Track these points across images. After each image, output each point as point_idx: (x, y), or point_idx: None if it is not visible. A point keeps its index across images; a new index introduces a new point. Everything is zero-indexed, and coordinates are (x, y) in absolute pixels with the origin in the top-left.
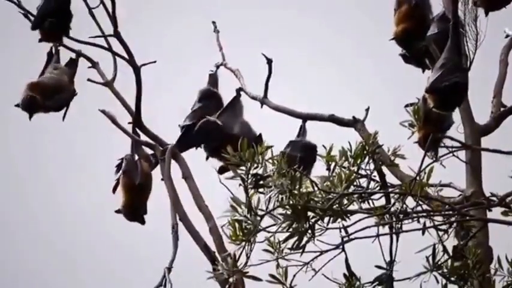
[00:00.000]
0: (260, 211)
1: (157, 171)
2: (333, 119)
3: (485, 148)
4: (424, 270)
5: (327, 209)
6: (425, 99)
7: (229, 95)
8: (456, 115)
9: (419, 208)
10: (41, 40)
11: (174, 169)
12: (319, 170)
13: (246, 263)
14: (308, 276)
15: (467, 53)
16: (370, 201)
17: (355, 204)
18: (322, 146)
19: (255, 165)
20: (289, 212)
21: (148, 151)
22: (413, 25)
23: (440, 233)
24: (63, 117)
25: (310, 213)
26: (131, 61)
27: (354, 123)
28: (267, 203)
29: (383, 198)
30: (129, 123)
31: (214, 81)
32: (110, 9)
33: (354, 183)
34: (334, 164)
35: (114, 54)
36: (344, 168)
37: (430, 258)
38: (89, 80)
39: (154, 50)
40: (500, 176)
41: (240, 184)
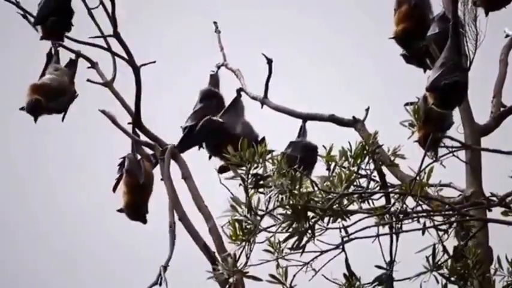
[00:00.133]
0: (260, 211)
1: (157, 171)
2: (333, 119)
3: (485, 148)
4: (424, 270)
5: (327, 209)
6: (425, 99)
7: (230, 95)
8: (456, 115)
9: (419, 208)
10: (42, 38)
11: (174, 169)
12: (319, 170)
13: (246, 263)
14: (308, 276)
15: (467, 52)
16: (370, 201)
17: (355, 204)
18: (322, 146)
19: (255, 165)
20: (289, 212)
21: (148, 151)
22: (413, 25)
23: (440, 233)
24: (63, 119)
25: (310, 213)
26: (131, 61)
27: (354, 123)
28: (267, 203)
29: (383, 198)
30: (129, 124)
31: (216, 81)
32: (109, 10)
33: (354, 183)
34: (334, 164)
35: (114, 54)
36: (344, 168)
37: (430, 258)
38: (88, 81)
39: (154, 50)
40: (500, 176)
41: (240, 184)
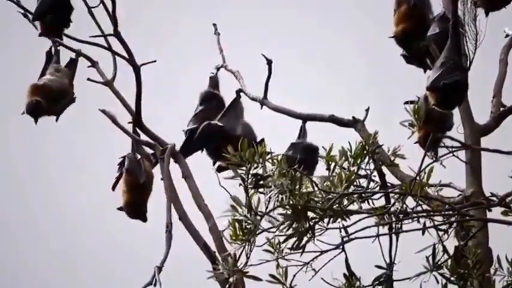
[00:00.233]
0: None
1: (157, 171)
2: (333, 119)
3: (485, 148)
4: (424, 270)
5: (327, 209)
6: (426, 99)
7: (230, 97)
8: (456, 115)
9: (419, 208)
10: (41, 34)
11: (175, 169)
12: (319, 170)
13: (246, 263)
14: (308, 276)
15: (467, 52)
16: (370, 201)
17: (355, 204)
18: (322, 147)
19: (255, 165)
20: (289, 212)
21: (148, 150)
22: (413, 25)
23: (440, 233)
24: (57, 119)
25: (310, 213)
26: (131, 60)
27: (354, 124)
28: (267, 203)
29: (383, 198)
30: (129, 123)
31: (215, 83)
32: (109, 9)
33: (354, 183)
34: (334, 164)
35: (114, 53)
36: (344, 168)
37: (430, 258)
38: (88, 80)
39: (155, 49)
40: (500, 176)
41: (240, 184)
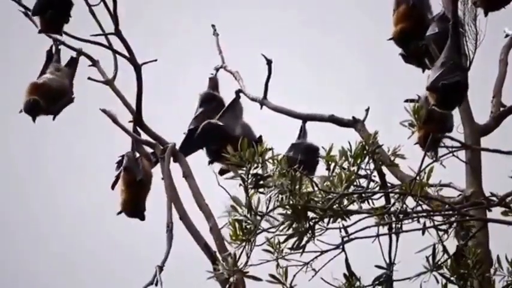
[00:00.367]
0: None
1: (158, 171)
2: (333, 119)
3: (485, 148)
4: (424, 270)
5: (327, 209)
6: (427, 99)
7: (230, 97)
8: (456, 115)
9: (419, 208)
10: (40, 31)
11: (175, 168)
12: (320, 170)
13: (246, 263)
14: (308, 276)
15: (467, 52)
16: (370, 201)
17: (355, 204)
18: (322, 147)
19: (255, 165)
20: (289, 212)
21: (149, 150)
22: (411, 25)
23: (440, 233)
24: (53, 118)
25: (310, 213)
26: (132, 59)
27: (354, 124)
28: (267, 203)
29: (383, 198)
30: (130, 122)
31: (215, 84)
32: (110, 7)
33: (354, 183)
34: (334, 164)
35: (115, 52)
36: (344, 168)
37: (430, 258)
38: (89, 79)
39: (155, 48)
40: (500, 176)
41: (240, 184)
